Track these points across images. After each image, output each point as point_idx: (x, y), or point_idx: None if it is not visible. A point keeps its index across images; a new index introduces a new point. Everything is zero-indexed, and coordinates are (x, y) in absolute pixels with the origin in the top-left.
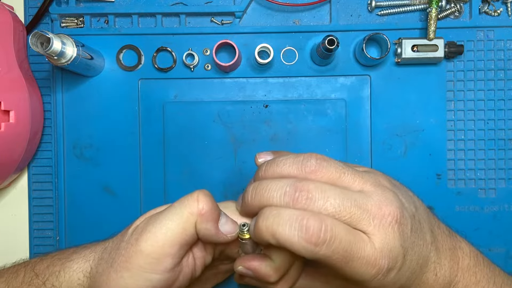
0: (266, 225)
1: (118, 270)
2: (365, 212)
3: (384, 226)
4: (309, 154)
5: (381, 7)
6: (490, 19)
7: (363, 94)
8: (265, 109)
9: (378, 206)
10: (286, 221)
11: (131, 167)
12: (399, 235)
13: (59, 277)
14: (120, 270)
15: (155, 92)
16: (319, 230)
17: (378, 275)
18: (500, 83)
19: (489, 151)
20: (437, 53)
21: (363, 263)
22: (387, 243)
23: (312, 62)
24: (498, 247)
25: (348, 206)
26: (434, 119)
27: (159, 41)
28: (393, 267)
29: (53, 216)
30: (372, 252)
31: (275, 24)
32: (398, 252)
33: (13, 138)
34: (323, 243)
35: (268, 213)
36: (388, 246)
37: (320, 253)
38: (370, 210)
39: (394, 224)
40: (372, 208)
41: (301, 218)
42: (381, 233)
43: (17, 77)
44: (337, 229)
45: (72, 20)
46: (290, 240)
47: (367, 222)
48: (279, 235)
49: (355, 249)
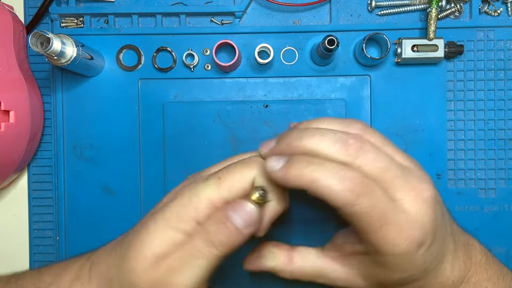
0: (310, 169)
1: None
2: (406, 181)
3: (422, 200)
4: (356, 119)
5: (381, 7)
6: (490, 19)
7: (363, 94)
8: (265, 109)
9: (419, 180)
10: (330, 169)
11: (131, 167)
12: (432, 212)
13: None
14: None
15: (155, 92)
16: (362, 181)
17: (409, 248)
18: (500, 83)
19: (489, 151)
20: (437, 53)
21: (397, 230)
22: (422, 217)
23: (312, 62)
24: (498, 247)
25: (394, 168)
26: (434, 119)
27: (159, 41)
28: (423, 242)
29: (53, 216)
30: (407, 221)
31: (275, 24)
32: (430, 228)
33: (13, 138)
34: (364, 194)
35: (313, 159)
36: (422, 219)
37: (358, 205)
38: (411, 181)
39: (430, 201)
40: (413, 180)
41: (346, 170)
42: (417, 205)
43: (17, 77)
44: (378, 188)
45: (72, 20)
46: (332, 188)
47: (405, 192)
48: (320, 181)
49: (392, 213)
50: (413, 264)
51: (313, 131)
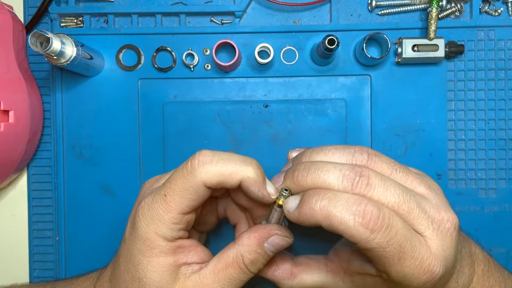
0: (321, 205)
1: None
2: (423, 212)
3: (443, 232)
4: (361, 147)
5: (381, 6)
6: (491, 18)
7: (363, 94)
8: (265, 109)
9: (437, 209)
10: (343, 203)
11: (131, 167)
12: (456, 244)
13: None
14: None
15: (155, 92)
16: (377, 216)
17: (427, 282)
18: (500, 83)
19: (490, 151)
20: (437, 53)
21: (416, 265)
22: (444, 251)
23: (312, 62)
24: (499, 247)
25: (407, 199)
26: (435, 119)
27: (159, 41)
28: (444, 275)
29: (52, 216)
30: (428, 256)
31: (275, 24)
32: (452, 261)
33: (12, 138)
34: (380, 229)
35: (323, 194)
36: (444, 253)
37: (374, 241)
38: (428, 212)
39: (453, 232)
40: (431, 211)
41: (359, 203)
42: (439, 238)
43: (16, 77)
44: (395, 219)
45: (72, 20)
46: (346, 224)
47: (426, 224)
48: (334, 217)
49: (410, 246)
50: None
51: (318, 168)
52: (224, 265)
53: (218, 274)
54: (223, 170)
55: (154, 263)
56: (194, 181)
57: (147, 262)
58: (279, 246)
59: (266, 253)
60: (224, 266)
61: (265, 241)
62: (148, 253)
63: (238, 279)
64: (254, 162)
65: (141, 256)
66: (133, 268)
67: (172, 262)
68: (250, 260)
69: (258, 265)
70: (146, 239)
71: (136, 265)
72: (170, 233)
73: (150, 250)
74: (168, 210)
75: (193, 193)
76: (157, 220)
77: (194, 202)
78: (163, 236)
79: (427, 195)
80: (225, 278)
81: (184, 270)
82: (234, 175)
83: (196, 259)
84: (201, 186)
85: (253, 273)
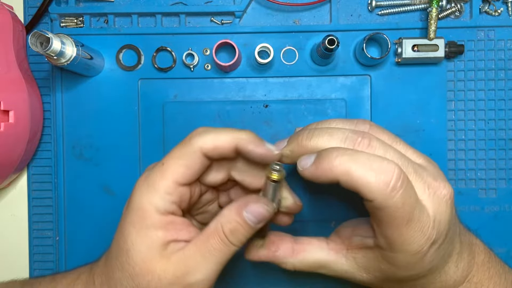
0: (342, 160)
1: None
2: (420, 178)
3: (439, 198)
4: (364, 119)
5: (381, 6)
6: (491, 18)
7: (363, 94)
8: (265, 109)
9: (434, 178)
10: (364, 160)
11: (131, 167)
12: (450, 211)
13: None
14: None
15: (155, 92)
16: (399, 175)
17: (424, 246)
18: (500, 83)
19: (490, 151)
20: (437, 53)
21: (418, 228)
22: (439, 215)
23: (312, 62)
24: (499, 247)
25: (405, 164)
26: (435, 119)
27: (159, 41)
28: (437, 240)
29: (52, 216)
30: (427, 218)
31: (275, 24)
32: (445, 227)
33: (12, 138)
34: (400, 189)
35: (343, 150)
36: (438, 218)
37: (393, 199)
38: (425, 178)
39: (448, 200)
40: (428, 178)
41: (382, 160)
42: (435, 203)
43: (16, 77)
44: (410, 182)
45: (72, 20)
46: (367, 180)
47: (422, 189)
48: (354, 172)
49: (418, 209)
50: (421, 262)
51: (322, 131)
52: (205, 237)
53: (199, 247)
54: (218, 136)
55: (143, 234)
56: (191, 148)
57: (136, 233)
58: (258, 214)
59: (246, 223)
60: (205, 238)
61: (244, 209)
62: (139, 224)
63: (219, 250)
64: (248, 130)
65: (131, 227)
66: (122, 240)
67: (161, 236)
68: (230, 229)
69: (239, 236)
70: (139, 208)
71: (126, 236)
72: (162, 204)
73: (141, 221)
74: (164, 177)
75: (189, 159)
76: (152, 189)
77: (190, 170)
78: (155, 207)
79: (425, 165)
80: (206, 250)
81: (172, 247)
82: (230, 138)
83: (186, 238)
84: (198, 151)
85: (235, 245)
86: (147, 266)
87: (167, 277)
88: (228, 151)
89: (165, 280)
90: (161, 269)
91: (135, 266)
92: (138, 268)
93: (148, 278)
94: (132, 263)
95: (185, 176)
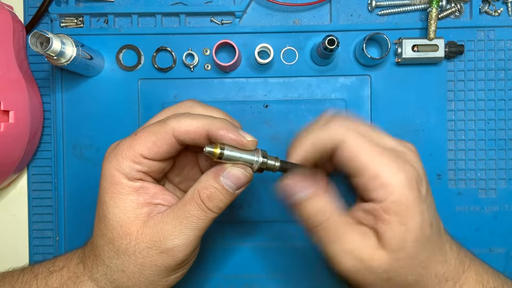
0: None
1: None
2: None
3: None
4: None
5: (381, 7)
6: (491, 19)
7: (363, 94)
8: (265, 109)
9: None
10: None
11: None
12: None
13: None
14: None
15: (155, 92)
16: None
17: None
18: (500, 83)
19: (490, 151)
20: (437, 53)
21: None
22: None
23: (312, 62)
24: (499, 247)
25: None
26: (435, 119)
27: (159, 41)
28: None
29: (52, 216)
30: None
31: (275, 24)
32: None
33: (12, 138)
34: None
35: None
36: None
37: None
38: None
39: (412, 179)
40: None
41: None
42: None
43: (16, 77)
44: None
45: (72, 20)
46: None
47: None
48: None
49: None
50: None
51: (302, 133)
52: (183, 203)
53: (177, 212)
54: (192, 121)
55: (116, 199)
56: (164, 128)
57: (109, 198)
58: (236, 178)
59: (224, 188)
60: (182, 204)
61: (221, 174)
62: (111, 190)
63: (197, 216)
64: (225, 118)
65: (105, 194)
66: (100, 208)
67: (134, 199)
68: (207, 195)
69: (217, 202)
70: (108, 175)
71: (102, 203)
72: (129, 171)
73: (112, 186)
74: (131, 147)
75: (159, 138)
76: (119, 156)
77: (158, 148)
78: (123, 173)
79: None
80: (183, 216)
81: (149, 210)
82: (201, 124)
83: (163, 202)
84: (169, 133)
85: (213, 211)
86: (124, 230)
87: (144, 241)
88: (200, 136)
89: (142, 243)
90: (138, 233)
91: (113, 230)
92: (116, 231)
93: (126, 241)
94: (110, 227)
95: (151, 153)
